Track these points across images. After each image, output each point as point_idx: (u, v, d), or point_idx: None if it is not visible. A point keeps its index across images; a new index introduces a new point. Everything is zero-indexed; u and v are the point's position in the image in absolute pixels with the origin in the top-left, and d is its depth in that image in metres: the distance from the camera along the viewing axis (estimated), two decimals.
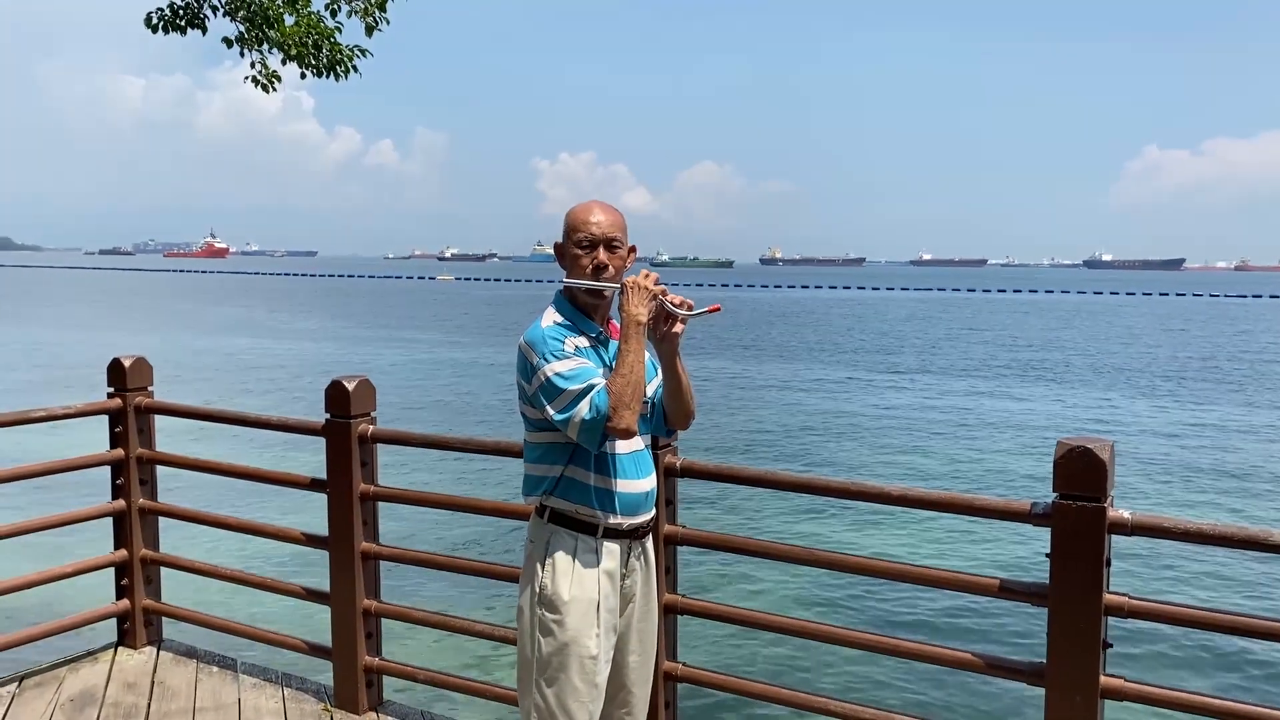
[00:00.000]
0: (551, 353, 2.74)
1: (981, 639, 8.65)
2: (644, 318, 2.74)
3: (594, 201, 2.91)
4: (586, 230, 2.83)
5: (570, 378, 2.71)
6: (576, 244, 2.85)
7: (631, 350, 2.72)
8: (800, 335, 47.66)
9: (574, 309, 2.88)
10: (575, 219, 2.87)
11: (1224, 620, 3.01)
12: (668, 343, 2.85)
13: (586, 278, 2.83)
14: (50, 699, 4.51)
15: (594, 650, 2.82)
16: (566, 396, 2.70)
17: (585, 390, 2.70)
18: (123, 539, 5.03)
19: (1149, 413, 23.66)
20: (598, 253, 2.83)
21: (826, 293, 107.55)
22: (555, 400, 2.72)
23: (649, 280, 2.77)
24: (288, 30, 7.15)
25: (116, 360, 4.98)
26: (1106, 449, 2.93)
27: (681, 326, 2.84)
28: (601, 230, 2.83)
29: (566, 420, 2.71)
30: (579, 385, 2.70)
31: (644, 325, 2.75)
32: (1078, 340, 46.34)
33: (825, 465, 17.06)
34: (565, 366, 2.72)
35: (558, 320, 2.83)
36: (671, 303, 2.79)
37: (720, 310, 2.85)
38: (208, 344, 37.63)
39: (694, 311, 2.82)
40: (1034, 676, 3.13)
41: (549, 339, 2.76)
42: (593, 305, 2.88)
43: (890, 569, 3.54)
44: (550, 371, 2.72)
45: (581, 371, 2.73)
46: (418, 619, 4.45)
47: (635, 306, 2.74)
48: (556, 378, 2.71)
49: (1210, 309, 78.78)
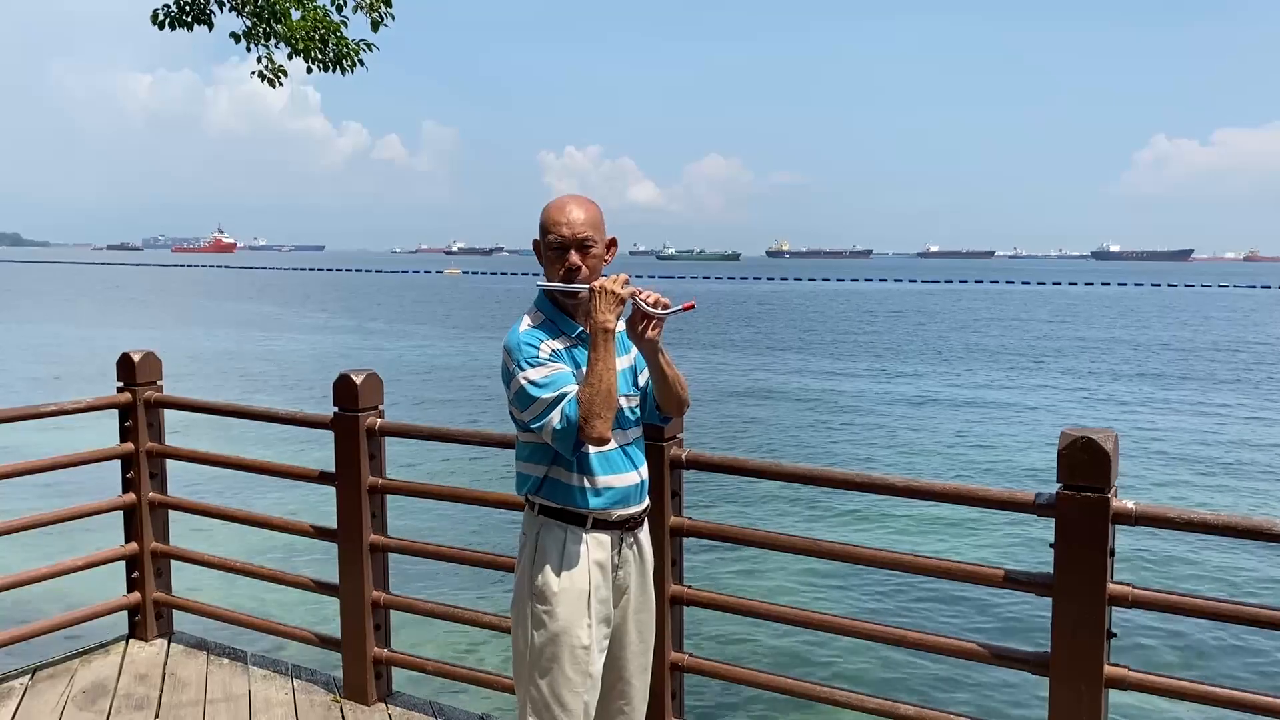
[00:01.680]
0: (526, 360, 2.74)
1: (986, 629, 8.67)
2: (612, 324, 2.73)
3: (567, 198, 2.87)
4: (557, 232, 2.80)
5: (543, 385, 2.71)
6: (548, 246, 2.82)
7: (600, 358, 2.71)
8: (806, 327, 47.61)
9: (554, 309, 2.88)
10: (548, 218, 2.83)
11: (1228, 610, 3.01)
12: (646, 341, 2.83)
13: (559, 280, 2.82)
14: (62, 691, 4.55)
15: (585, 640, 2.83)
16: (539, 405, 2.72)
17: (556, 400, 2.70)
18: (133, 532, 5.07)
19: (1155, 403, 23.60)
20: (569, 255, 2.80)
21: (834, 285, 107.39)
22: (528, 409, 2.74)
23: (618, 284, 2.75)
24: (294, 25, 7.16)
25: (126, 355, 5.01)
26: (1110, 439, 2.94)
27: (658, 325, 2.82)
28: (573, 231, 2.79)
29: (540, 429, 2.73)
30: (551, 394, 2.71)
31: (612, 331, 2.74)
32: (1084, 331, 46.22)
33: (831, 456, 17.07)
34: (538, 374, 2.72)
35: (535, 323, 2.83)
36: (645, 301, 2.77)
37: (694, 308, 2.82)
38: (216, 338, 37.72)
39: (668, 310, 2.80)
40: (1038, 666, 3.14)
41: (524, 345, 2.76)
42: (572, 305, 2.87)
43: (895, 559, 3.55)
44: (524, 379, 2.73)
45: (554, 379, 2.73)
46: (426, 610, 4.48)
47: (602, 313, 2.72)
48: (530, 385, 2.72)
49: (1218, 300, 78.49)
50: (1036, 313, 60.28)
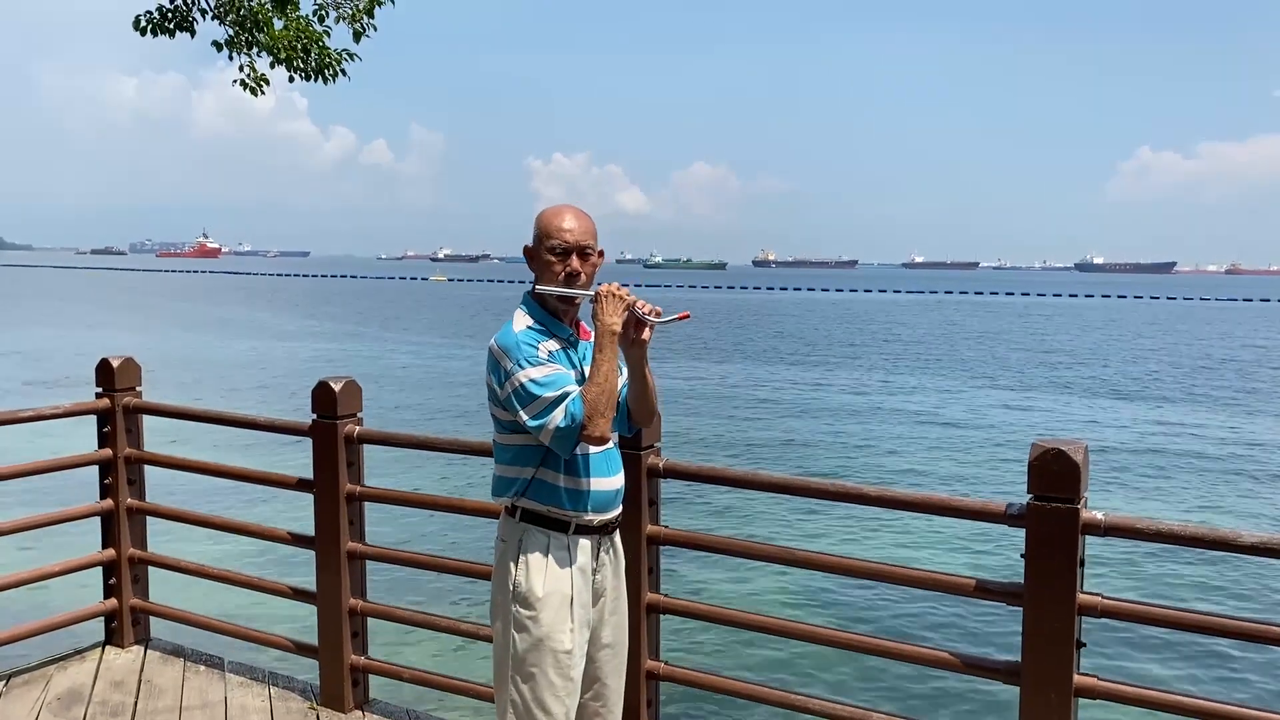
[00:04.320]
0: (526, 359, 2.76)
1: (958, 638, 8.72)
2: (618, 327, 2.78)
3: (565, 206, 2.93)
4: (560, 238, 2.85)
5: (545, 384, 2.74)
6: (550, 250, 2.86)
7: (606, 359, 2.76)
8: (790, 338, 47.72)
9: (544, 312, 2.91)
10: (548, 225, 2.88)
11: (1195, 620, 3.06)
12: (637, 348, 2.88)
13: (558, 284, 2.86)
14: (37, 697, 4.53)
15: (568, 645, 2.85)
16: (541, 403, 2.74)
17: (560, 398, 2.73)
18: (111, 538, 5.05)
19: (1127, 415, 23.78)
20: (571, 260, 2.85)
21: (819, 295, 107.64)
22: (529, 406, 2.75)
23: (622, 290, 2.81)
24: (276, 34, 7.16)
25: (105, 360, 5.00)
26: (1080, 451, 2.98)
27: (650, 333, 2.87)
28: (575, 238, 2.85)
29: (540, 426, 2.75)
30: (553, 392, 2.74)
31: (618, 334, 2.79)
32: (1062, 343, 46.49)
33: (807, 466, 17.12)
34: (540, 373, 2.75)
35: (530, 324, 2.86)
36: (642, 310, 2.83)
37: (689, 318, 2.90)
38: (196, 344, 37.54)
39: (664, 319, 2.86)
40: (1009, 675, 3.17)
41: (523, 344, 2.79)
42: (563, 309, 2.91)
43: (868, 569, 3.58)
44: (524, 378, 2.75)
45: (556, 378, 2.76)
46: (403, 618, 4.48)
47: (609, 316, 2.78)
48: (531, 384, 2.74)
49: (1199, 312, 79.05)
50: (1016, 324, 60.59)
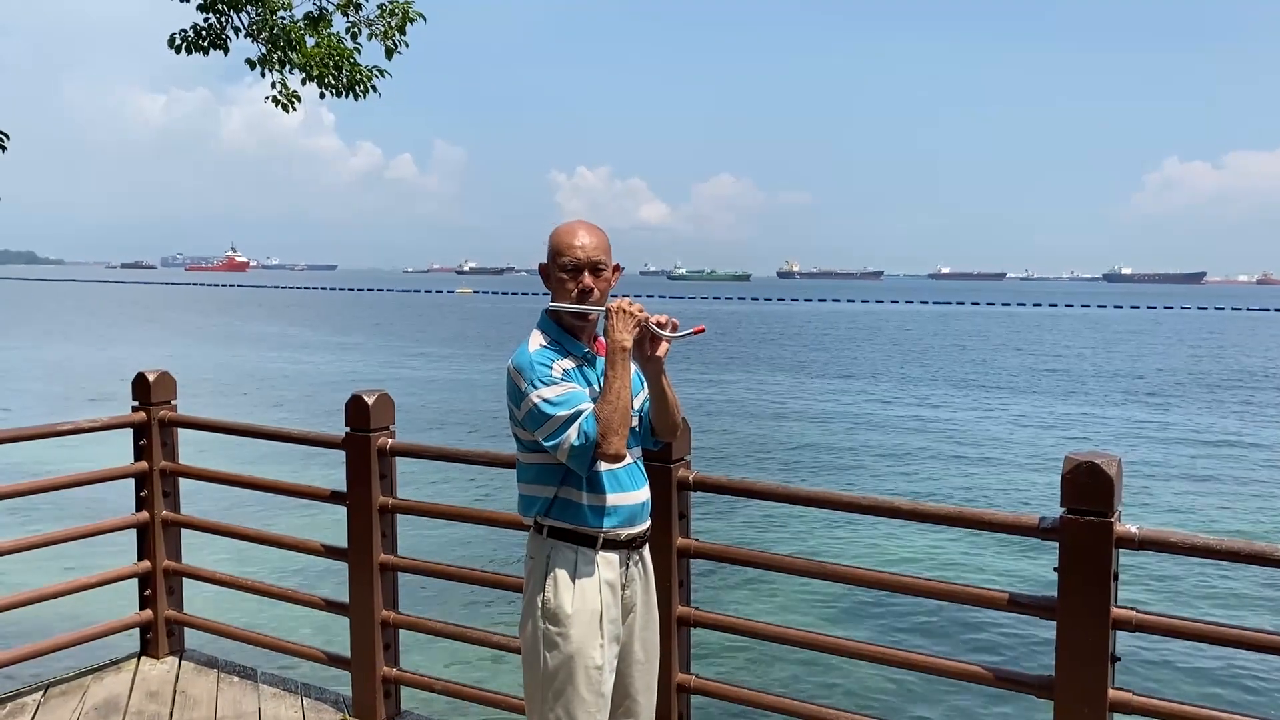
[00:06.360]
0: (540, 379, 2.78)
1: (991, 652, 8.65)
2: (629, 343, 2.79)
3: (578, 222, 2.93)
4: (571, 254, 2.85)
5: (558, 404, 2.75)
6: (561, 268, 2.87)
7: (618, 376, 2.77)
8: (816, 349, 47.56)
9: (560, 329, 2.92)
10: (560, 242, 2.89)
11: (1231, 634, 3.02)
12: (653, 363, 2.89)
13: (571, 301, 2.87)
14: (75, 707, 4.59)
15: (599, 661, 2.86)
16: (555, 423, 2.75)
17: (573, 416, 2.74)
18: (146, 550, 5.11)
19: (1162, 426, 23.51)
20: (583, 277, 2.86)
21: (845, 306, 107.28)
22: (543, 426, 2.76)
23: (634, 305, 2.81)
24: (309, 52, 7.25)
25: (141, 374, 5.06)
26: (1114, 464, 2.96)
27: (666, 347, 2.88)
28: (586, 254, 2.86)
29: (556, 446, 2.76)
30: (567, 411, 2.74)
31: (629, 350, 2.79)
32: (1093, 354, 46.06)
33: (839, 478, 17.05)
34: (553, 393, 2.76)
35: (544, 343, 2.87)
36: (656, 324, 2.83)
37: (704, 331, 2.89)
38: (230, 358, 37.90)
39: (679, 334, 2.86)
40: (1043, 689, 3.15)
41: (536, 364, 2.80)
42: (579, 326, 2.92)
43: (901, 582, 3.56)
44: (538, 398, 2.76)
45: (570, 397, 2.77)
46: (435, 630, 4.50)
47: (620, 332, 2.78)
48: (544, 404, 2.75)
49: (1230, 323, 78.10)
50: (1046, 335, 60.10)
